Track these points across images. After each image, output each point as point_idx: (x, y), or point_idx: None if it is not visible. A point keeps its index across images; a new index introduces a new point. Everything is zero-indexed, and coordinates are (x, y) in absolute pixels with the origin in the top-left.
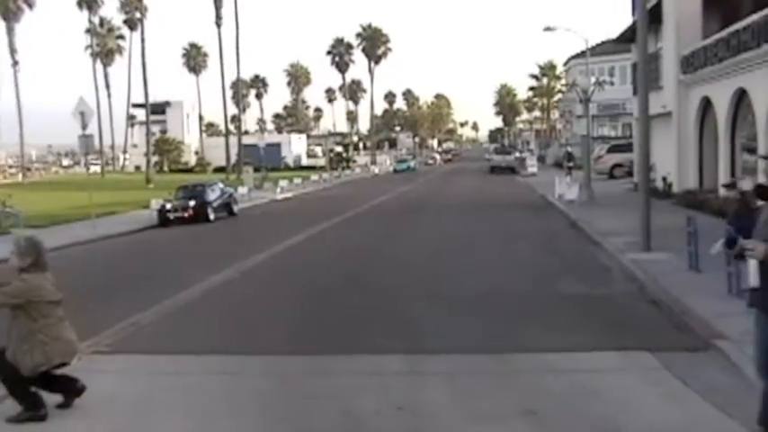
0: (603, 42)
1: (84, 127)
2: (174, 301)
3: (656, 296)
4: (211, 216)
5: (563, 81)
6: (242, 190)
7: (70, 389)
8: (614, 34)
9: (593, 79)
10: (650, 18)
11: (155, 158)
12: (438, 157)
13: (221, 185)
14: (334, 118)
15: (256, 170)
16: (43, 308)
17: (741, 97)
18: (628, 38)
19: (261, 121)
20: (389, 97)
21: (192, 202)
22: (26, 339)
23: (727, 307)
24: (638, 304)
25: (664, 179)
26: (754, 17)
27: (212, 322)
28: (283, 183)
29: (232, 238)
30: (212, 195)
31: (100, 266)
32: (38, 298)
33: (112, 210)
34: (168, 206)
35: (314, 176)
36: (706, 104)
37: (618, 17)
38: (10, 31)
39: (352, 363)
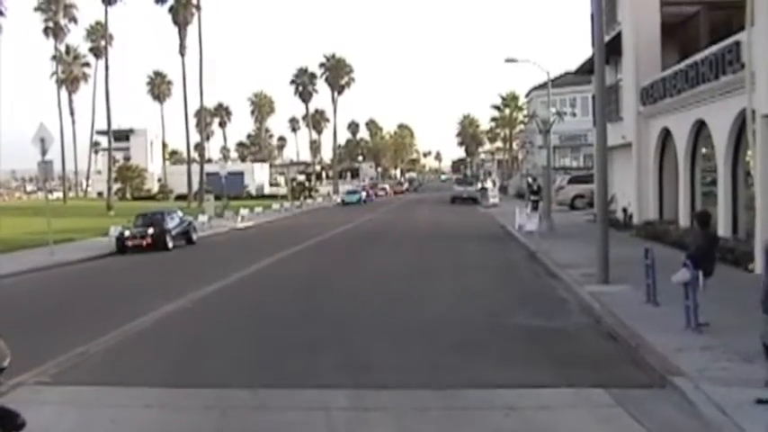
0: (565, 74)
1: (43, 153)
2: (125, 331)
3: (612, 330)
4: (170, 244)
5: (525, 112)
6: (202, 218)
7: (10, 425)
8: (574, 66)
9: (553, 110)
10: (609, 50)
11: (117, 185)
12: (387, 188)
13: (180, 213)
14: (297, 147)
15: (217, 198)
16: None
17: (700, 128)
18: (587, 70)
19: (224, 150)
20: (352, 127)
21: (150, 230)
22: None
23: (685, 341)
24: (594, 338)
25: (624, 210)
26: (713, 49)
27: (160, 353)
28: (244, 211)
29: (189, 266)
30: (171, 223)
31: (54, 294)
32: None
33: (71, 236)
34: (127, 233)
35: (275, 205)
36: (666, 135)
37: (578, 49)
38: None
39: (297, 397)
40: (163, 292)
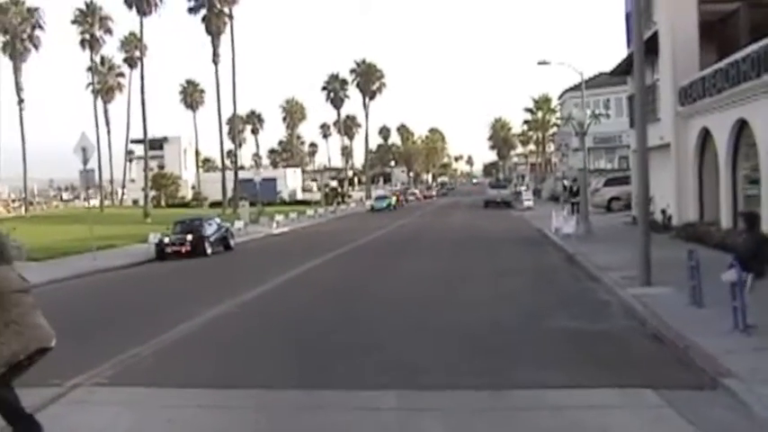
0: (598, 75)
1: (85, 162)
2: (174, 334)
3: (657, 332)
4: (208, 250)
5: (558, 114)
6: (238, 224)
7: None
8: (608, 67)
9: (588, 112)
10: (646, 50)
11: (152, 193)
12: (417, 192)
13: (218, 220)
14: (329, 153)
15: (252, 204)
16: (14, 297)
17: (741, 128)
18: (623, 70)
19: (256, 156)
20: (384, 132)
21: (189, 237)
22: (1, 333)
23: (733, 343)
24: (640, 340)
25: (663, 212)
26: (754, 47)
27: (209, 355)
28: (279, 217)
29: (229, 272)
30: (209, 230)
31: (101, 299)
32: (6, 288)
33: (111, 243)
34: (166, 240)
35: (309, 211)
36: (705, 135)
37: (612, 50)
38: (16, 71)
39: (348, 398)
40: (207, 297)
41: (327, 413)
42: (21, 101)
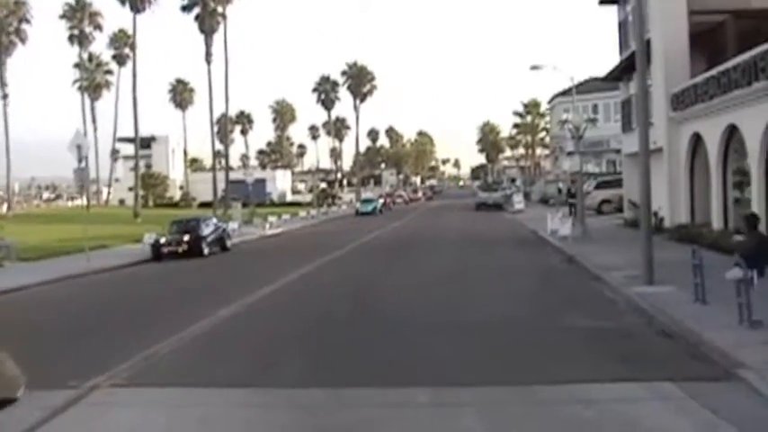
0: (587, 81)
1: (80, 160)
2: (186, 335)
3: (667, 327)
4: (206, 251)
5: (547, 118)
6: (233, 225)
7: None
8: (595, 72)
9: (584, 116)
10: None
11: (140, 193)
12: (404, 194)
13: (215, 220)
14: (317, 155)
15: (244, 205)
16: None
17: (732, 133)
18: (615, 77)
19: (245, 157)
20: (372, 134)
21: (186, 237)
22: None
23: (742, 337)
24: (651, 336)
25: (655, 214)
26: (744, 56)
27: (227, 356)
28: (272, 218)
29: (229, 273)
30: (206, 230)
31: (101, 299)
32: None
33: (103, 243)
34: (162, 240)
35: (302, 213)
36: (696, 140)
37: (599, 57)
38: (1, 65)
39: (379, 394)
40: (211, 297)
41: (362, 410)
42: (5, 96)
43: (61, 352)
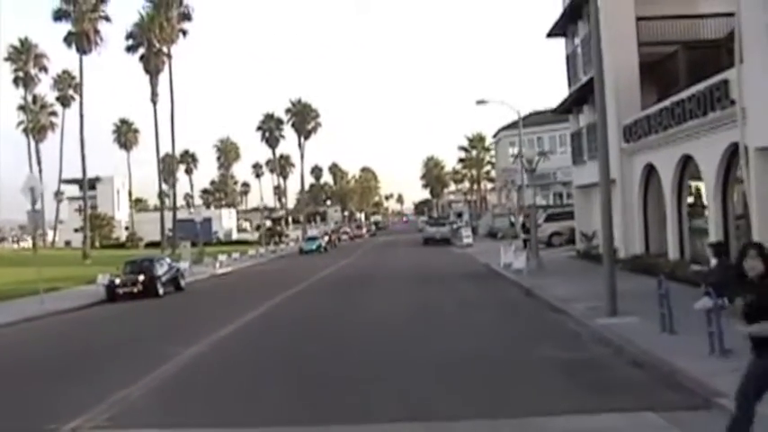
0: (531, 114)
1: (33, 202)
2: (156, 375)
3: (637, 358)
4: (161, 291)
5: (492, 152)
6: (183, 265)
7: None
8: (539, 106)
9: (537, 149)
10: (587, 90)
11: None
12: (349, 230)
13: (168, 260)
14: (261, 193)
15: (193, 245)
16: None
17: (686, 163)
18: (565, 109)
19: (188, 196)
20: (316, 171)
21: (141, 277)
22: None
23: (715, 366)
24: (621, 366)
25: None
26: (699, 87)
27: (203, 395)
28: (222, 257)
29: (187, 312)
30: (161, 270)
31: (60, 342)
32: None
33: (55, 285)
34: (116, 281)
35: (251, 251)
36: (650, 171)
37: (542, 90)
38: None
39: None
40: (172, 337)
41: None
42: None
43: (30, 396)
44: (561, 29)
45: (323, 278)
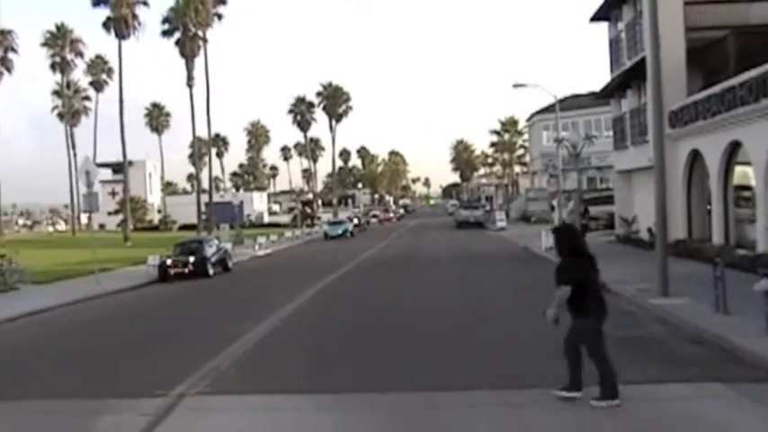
0: (567, 98)
1: (89, 185)
2: (238, 348)
3: (695, 335)
4: (210, 271)
5: (525, 137)
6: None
7: None
8: (575, 90)
9: (582, 134)
10: (634, 75)
11: (120, 217)
12: (379, 214)
13: (216, 242)
14: (290, 176)
15: (231, 227)
16: None
17: (734, 149)
18: (608, 93)
19: (217, 180)
20: (344, 155)
21: (191, 258)
22: None
23: None
24: (681, 343)
25: (649, 230)
26: (752, 73)
27: (290, 364)
28: (261, 239)
29: (242, 291)
30: (210, 251)
31: (128, 319)
32: None
33: (105, 267)
34: (168, 262)
35: (287, 233)
36: (695, 157)
37: (577, 73)
38: None
39: (453, 398)
40: (240, 314)
41: (446, 412)
42: None
43: (124, 368)
44: (605, 13)
45: (367, 260)
